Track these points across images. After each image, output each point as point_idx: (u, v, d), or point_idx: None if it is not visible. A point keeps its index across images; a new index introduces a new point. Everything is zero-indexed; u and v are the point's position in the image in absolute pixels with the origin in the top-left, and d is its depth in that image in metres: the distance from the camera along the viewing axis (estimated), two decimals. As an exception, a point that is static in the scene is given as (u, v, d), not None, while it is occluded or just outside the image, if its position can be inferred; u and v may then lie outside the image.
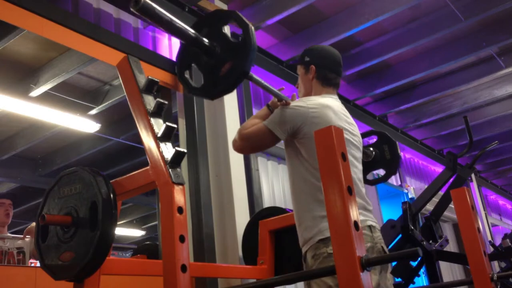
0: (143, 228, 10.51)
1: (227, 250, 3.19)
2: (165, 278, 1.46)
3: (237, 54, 1.43)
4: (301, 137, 1.85)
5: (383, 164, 2.70)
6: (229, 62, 1.43)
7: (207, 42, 1.46)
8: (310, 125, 1.83)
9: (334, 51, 2.13)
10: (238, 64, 1.42)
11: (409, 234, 3.13)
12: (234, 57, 1.43)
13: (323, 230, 1.75)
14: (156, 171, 1.61)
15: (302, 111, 1.86)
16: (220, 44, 1.48)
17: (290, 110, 1.88)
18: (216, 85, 1.45)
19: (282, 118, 1.86)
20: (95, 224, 1.53)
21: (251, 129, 1.92)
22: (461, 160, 6.27)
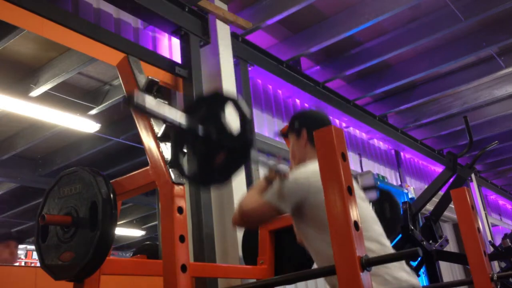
0: (143, 228, 10.51)
1: (227, 250, 3.19)
2: (165, 278, 1.46)
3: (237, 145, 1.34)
4: (307, 208, 1.77)
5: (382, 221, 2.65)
6: (225, 153, 1.35)
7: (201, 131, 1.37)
8: (313, 194, 1.74)
9: (323, 113, 2.11)
10: (236, 158, 1.34)
11: (409, 234, 3.13)
12: (231, 149, 1.34)
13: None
14: (156, 171, 1.61)
15: (302, 183, 1.78)
16: (216, 130, 1.38)
17: (291, 184, 1.79)
18: (210, 175, 1.37)
19: (285, 192, 1.78)
20: (95, 224, 1.53)
21: (252, 205, 1.84)
22: (461, 160, 6.27)
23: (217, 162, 1.35)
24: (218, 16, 3.79)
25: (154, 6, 3.31)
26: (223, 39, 3.78)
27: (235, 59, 3.95)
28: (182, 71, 3.43)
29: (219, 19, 3.81)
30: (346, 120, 5.77)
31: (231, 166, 1.33)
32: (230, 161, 1.33)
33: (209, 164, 1.37)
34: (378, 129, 6.15)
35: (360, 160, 5.99)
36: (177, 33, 3.56)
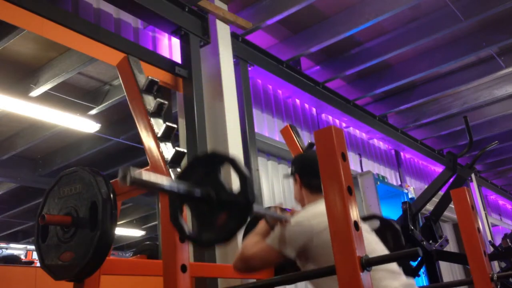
0: (143, 228, 10.51)
1: (227, 250, 3.19)
2: (165, 278, 1.46)
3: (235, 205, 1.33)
4: (313, 249, 1.75)
5: None
6: (226, 213, 1.34)
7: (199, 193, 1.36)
8: (317, 237, 1.74)
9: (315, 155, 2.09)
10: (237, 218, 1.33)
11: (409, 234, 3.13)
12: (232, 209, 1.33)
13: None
14: (156, 171, 1.61)
15: (305, 226, 1.77)
16: (215, 190, 1.37)
17: (294, 228, 1.78)
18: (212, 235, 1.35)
19: (288, 237, 1.77)
20: (95, 224, 1.53)
21: (254, 250, 1.81)
22: (461, 160, 6.27)
23: (219, 222, 1.34)
24: (218, 16, 3.79)
25: (154, 6, 3.31)
26: (223, 39, 3.79)
27: (235, 59, 3.95)
28: (182, 71, 3.43)
29: (219, 19, 3.81)
30: (346, 120, 5.77)
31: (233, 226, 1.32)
32: (231, 221, 1.32)
33: (210, 224, 1.35)
34: (378, 129, 6.15)
35: (360, 160, 5.99)
36: (177, 33, 3.56)
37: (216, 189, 1.36)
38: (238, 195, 1.32)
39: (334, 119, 5.79)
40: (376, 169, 6.34)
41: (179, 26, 3.49)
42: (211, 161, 1.40)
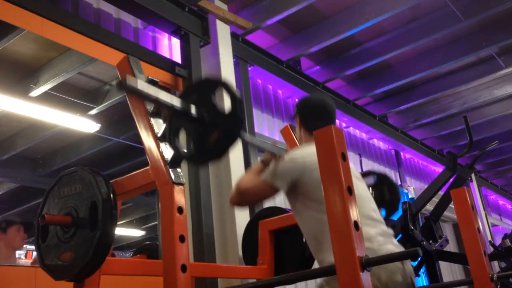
0: (143, 228, 10.50)
1: (227, 250, 3.19)
2: (165, 278, 1.46)
3: (227, 124, 1.44)
4: (304, 186, 1.85)
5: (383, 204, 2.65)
6: (218, 131, 1.45)
7: (195, 112, 1.48)
8: (309, 173, 1.82)
9: (320, 98, 2.16)
10: (227, 136, 1.44)
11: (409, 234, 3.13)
12: (223, 127, 1.44)
13: None
14: (156, 171, 1.61)
15: (298, 162, 1.87)
16: (208, 112, 1.49)
17: (286, 162, 1.88)
18: (205, 153, 1.48)
19: (281, 171, 1.87)
20: (95, 224, 1.53)
21: (249, 183, 1.92)
22: (461, 160, 6.27)
23: (212, 140, 1.45)
24: (218, 16, 3.79)
25: (154, 6, 3.31)
26: (223, 39, 3.79)
27: (235, 59, 3.95)
28: (182, 71, 3.43)
29: (219, 19, 3.81)
30: (346, 120, 5.77)
31: (224, 143, 1.43)
32: (223, 138, 1.43)
33: (204, 143, 1.46)
34: (378, 129, 6.15)
35: (360, 160, 5.99)
36: (177, 33, 3.56)
37: (209, 110, 1.47)
38: (229, 114, 1.44)
39: (334, 119, 5.78)
40: (376, 169, 6.34)
41: (179, 26, 3.49)
42: (205, 86, 1.51)
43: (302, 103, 2.18)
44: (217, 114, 1.47)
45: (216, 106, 1.48)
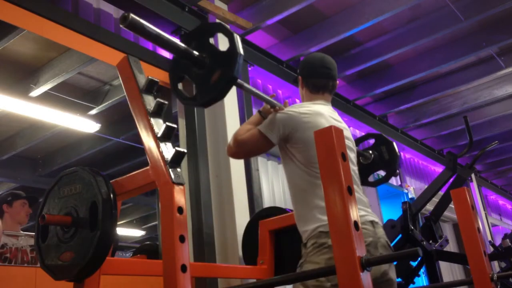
0: (143, 228, 10.51)
1: (227, 250, 3.19)
2: (165, 278, 1.46)
3: (225, 62, 1.50)
4: (294, 142, 1.90)
5: (383, 165, 2.72)
6: (218, 71, 1.50)
7: (196, 53, 1.53)
8: (302, 130, 1.88)
9: (319, 56, 2.20)
10: (226, 72, 1.49)
11: (409, 234, 3.13)
12: (222, 65, 1.50)
13: (326, 223, 1.74)
14: (156, 171, 1.61)
15: (294, 116, 1.91)
16: (208, 54, 1.54)
17: (282, 115, 1.93)
18: (207, 93, 1.52)
19: (275, 123, 1.91)
20: (95, 224, 1.53)
21: (246, 134, 1.96)
22: (461, 160, 6.26)
23: (213, 81, 1.50)
24: (218, 16, 3.79)
25: (154, 6, 3.31)
26: (223, 39, 3.78)
27: (235, 59, 3.94)
28: (182, 71, 3.43)
29: (219, 19, 3.81)
30: (346, 120, 5.73)
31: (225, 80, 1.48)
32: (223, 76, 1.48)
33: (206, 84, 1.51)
34: (378, 129, 6.15)
35: (360, 160, 5.98)
36: (177, 33, 3.56)
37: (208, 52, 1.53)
38: (227, 52, 1.49)
39: (334, 119, 5.78)
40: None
41: (179, 26, 3.50)
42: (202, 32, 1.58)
43: (302, 63, 2.21)
44: (217, 54, 1.52)
45: (215, 47, 1.54)
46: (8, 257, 2.89)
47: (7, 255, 2.90)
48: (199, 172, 3.22)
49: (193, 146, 3.30)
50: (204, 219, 3.09)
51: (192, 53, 1.52)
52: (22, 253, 2.85)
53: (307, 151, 1.86)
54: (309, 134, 1.85)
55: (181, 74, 1.61)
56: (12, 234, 2.96)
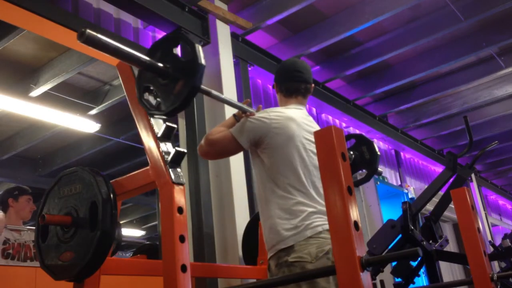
0: (143, 228, 10.51)
1: (227, 250, 3.19)
2: (165, 278, 1.46)
3: (188, 72, 1.52)
4: (264, 147, 1.95)
5: (364, 164, 2.72)
6: (181, 81, 1.52)
7: (159, 64, 1.55)
8: (272, 136, 1.93)
9: (292, 61, 2.26)
10: (188, 81, 1.51)
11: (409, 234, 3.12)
12: (185, 75, 1.52)
13: (284, 239, 1.82)
14: (156, 171, 1.61)
15: (264, 122, 1.96)
16: (172, 64, 1.56)
17: (254, 120, 1.97)
18: (171, 103, 1.53)
19: (246, 128, 1.96)
20: (95, 224, 1.53)
21: (218, 135, 2.01)
22: (461, 160, 6.27)
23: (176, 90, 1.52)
24: (218, 16, 3.79)
25: (154, 6, 3.31)
26: (223, 39, 3.79)
27: (235, 59, 3.95)
28: (182, 71, 3.43)
29: (219, 19, 3.81)
30: (346, 120, 5.77)
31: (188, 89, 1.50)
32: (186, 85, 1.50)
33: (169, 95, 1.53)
34: (378, 129, 6.15)
35: (360, 160, 5.98)
36: (177, 33, 3.56)
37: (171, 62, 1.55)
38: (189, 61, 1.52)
39: (334, 119, 5.79)
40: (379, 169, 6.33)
41: (179, 26, 3.49)
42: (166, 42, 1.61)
43: (276, 69, 2.28)
44: (179, 64, 1.55)
45: (177, 57, 1.57)
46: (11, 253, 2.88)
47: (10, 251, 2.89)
48: (199, 172, 3.22)
49: (193, 146, 3.30)
50: (204, 219, 3.09)
51: (155, 64, 1.55)
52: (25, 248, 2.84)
53: (275, 157, 1.93)
54: (278, 140, 1.93)
55: (146, 84, 1.62)
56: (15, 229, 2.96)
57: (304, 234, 1.80)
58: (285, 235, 1.82)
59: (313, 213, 1.85)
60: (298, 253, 1.78)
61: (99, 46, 1.41)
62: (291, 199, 1.87)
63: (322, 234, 1.82)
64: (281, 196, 1.88)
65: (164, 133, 1.67)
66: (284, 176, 1.90)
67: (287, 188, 1.89)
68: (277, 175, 1.91)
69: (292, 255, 1.78)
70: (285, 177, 1.90)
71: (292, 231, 1.81)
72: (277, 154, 1.92)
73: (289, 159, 1.91)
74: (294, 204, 1.86)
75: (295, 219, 1.83)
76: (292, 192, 1.88)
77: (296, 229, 1.81)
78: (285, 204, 1.87)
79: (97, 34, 1.36)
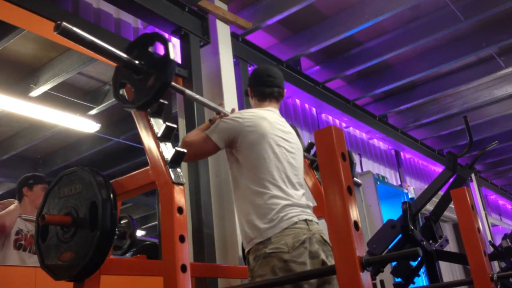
0: (143, 228, 10.51)
1: (227, 250, 3.19)
2: (165, 278, 1.46)
3: (160, 68, 1.60)
4: (238, 146, 2.02)
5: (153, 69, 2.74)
6: (153, 76, 1.61)
7: (134, 61, 1.64)
8: (245, 134, 2.01)
9: (265, 67, 2.37)
10: (159, 76, 1.59)
11: (409, 234, 3.12)
12: (157, 70, 1.60)
13: (261, 232, 1.88)
14: (156, 171, 1.61)
15: (238, 121, 2.04)
16: (146, 61, 1.65)
17: (228, 121, 2.06)
18: (143, 96, 1.62)
19: (220, 128, 2.04)
20: (95, 224, 1.53)
21: (194, 137, 2.09)
22: (461, 160, 6.27)
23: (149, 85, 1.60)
24: (218, 16, 3.79)
25: (154, 6, 3.31)
26: (223, 39, 3.78)
27: (235, 59, 3.95)
28: (182, 71, 3.43)
29: (219, 19, 3.81)
30: (346, 120, 5.77)
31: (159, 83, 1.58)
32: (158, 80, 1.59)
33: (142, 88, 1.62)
34: (378, 129, 6.15)
35: (360, 160, 5.99)
36: (177, 33, 3.56)
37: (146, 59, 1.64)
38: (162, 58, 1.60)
39: (334, 119, 5.79)
40: (376, 169, 6.34)
41: (179, 26, 3.49)
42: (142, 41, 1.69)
43: (250, 75, 2.36)
44: (153, 61, 1.63)
45: (151, 54, 1.66)
46: (23, 244, 2.87)
47: (22, 241, 2.88)
48: (199, 172, 3.22)
49: (193, 146, 3.29)
50: (204, 219, 3.09)
51: (130, 61, 1.63)
52: None
53: (248, 154, 2.00)
54: (251, 138, 2.00)
55: (122, 80, 1.70)
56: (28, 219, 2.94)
57: (280, 226, 1.87)
58: (262, 228, 1.88)
59: (288, 205, 1.92)
60: (275, 244, 1.83)
61: (74, 39, 1.47)
62: (266, 193, 1.93)
63: (297, 224, 1.89)
64: (255, 191, 1.94)
65: (164, 133, 1.67)
66: (258, 172, 1.97)
67: (262, 183, 1.95)
68: (251, 171, 1.98)
69: (270, 247, 1.83)
70: (259, 172, 1.97)
71: (268, 224, 1.87)
72: (251, 151, 2.00)
73: (263, 155, 1.99)
74: (269, 198, 1.92)
75: (270, 213, 1.89)
76: (267, 186, 1.94)
77: (272, 222, 1.87)
78: (260, 199, 1.93)
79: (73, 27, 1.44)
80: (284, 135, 2.14)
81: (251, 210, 1.94)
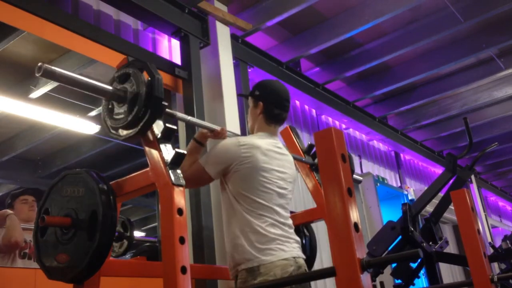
0: (142, 229, 10.50)
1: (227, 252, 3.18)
2: (165, 280, 1.46)
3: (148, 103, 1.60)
4: (230, 174, 1.96)
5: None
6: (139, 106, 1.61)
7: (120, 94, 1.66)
8: (239, 164, 1.93)
9: (282, 87, 2.18)
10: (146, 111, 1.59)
11: (409, 236, 3.12)
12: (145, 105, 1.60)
13: (249, 259, 1.85)
14: (156, 172, 1.61)
15: (234, 151, 1.95)
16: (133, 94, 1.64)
17: (223, 150, 1.98)
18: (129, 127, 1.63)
19: (216, 159, 1.97)
20: (93, 234, 1.53)
21: (189, 171, 1.99)
22: (461, 161, 6.27)
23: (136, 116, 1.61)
24: (218, 17, 3.79)
25: (154, 8, 3.31)
26: (223, 41, 3.78)
27: (235, 61, 3.95)
28: (182, 73, 3.43)
29: (218, 21, 3.81)
30: (346, 122, 5.76)
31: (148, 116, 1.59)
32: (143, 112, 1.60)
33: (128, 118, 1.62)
34: (378, 131, 6.15)
35: (360, 161, 5.99)
36: (177, 34, 3.56)
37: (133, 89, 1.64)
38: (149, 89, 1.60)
39: (334, 120, 5.79)
40: (376, 170, 6.34)
41: (179, 27, 3.50)
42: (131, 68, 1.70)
43: (268, 88, 2.16)
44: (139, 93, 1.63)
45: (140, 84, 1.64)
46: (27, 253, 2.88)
47: (26, 250, 2.88)
48: (199, 173, 3.21)
49: (193, 147, 3.29)
50: (204, 220, 3.09)
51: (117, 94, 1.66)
52: None
53: (240, 184, 1.94)
54: (247, 167, 1.93)
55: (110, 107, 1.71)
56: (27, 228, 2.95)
57: (269, 258, 1.84)
58: (251, 255, 1.85)
59: (278, 238, 1.89)
60: (263, 276, 1.80)
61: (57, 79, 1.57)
62: (259, 220, 1.90)
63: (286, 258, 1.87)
64: (247, 218, 1.90)
65: (164, 134, 1.67)
66: (250, 200, 1.92)
67: (255, 211, 1.91)
68: (244, 198, 1.93)
69: (259, 279, 1.80)
70: (252, 200, 1.92)
71: (258, 253, 1.84)
72: (243, 180, 1.94)
73: (254, 184, 1.93)
74: (261, 226, 1.88)
75: (261, 240, 1.86)
76: (260, 214, 1.90)
77: (262, 251, 1.84)
78: (251, 226, 1.89)
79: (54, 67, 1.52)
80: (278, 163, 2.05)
81: (241, 235, 1.90)
